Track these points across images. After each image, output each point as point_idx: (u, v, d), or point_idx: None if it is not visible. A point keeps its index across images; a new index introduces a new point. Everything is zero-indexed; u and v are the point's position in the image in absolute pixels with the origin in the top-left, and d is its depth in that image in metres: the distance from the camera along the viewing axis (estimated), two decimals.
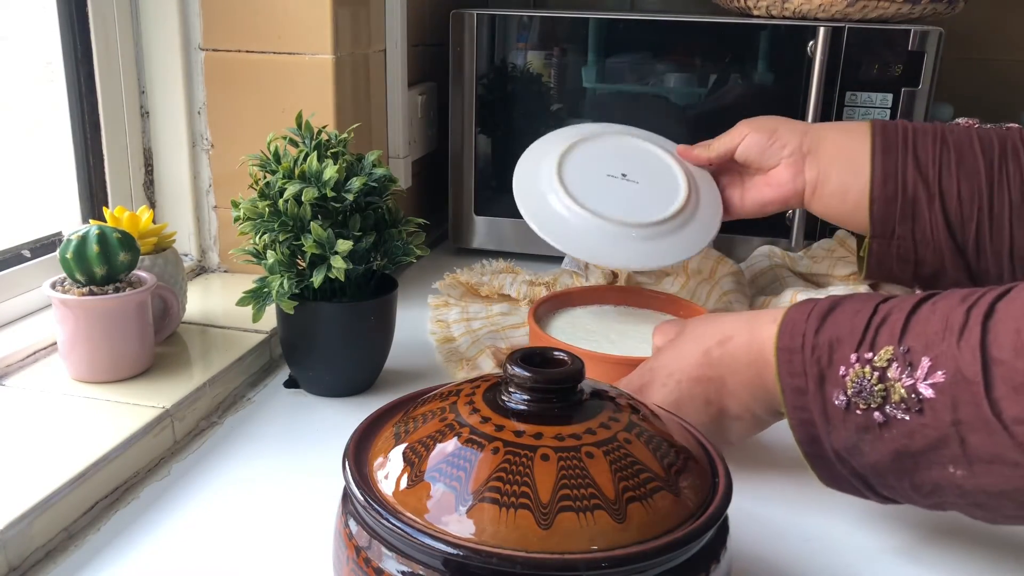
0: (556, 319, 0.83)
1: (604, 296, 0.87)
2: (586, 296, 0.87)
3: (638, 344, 0.77)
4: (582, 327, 0.81)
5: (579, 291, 0.87)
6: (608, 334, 0.80)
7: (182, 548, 0.57)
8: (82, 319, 0.70)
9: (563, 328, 0.81)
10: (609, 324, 0.82)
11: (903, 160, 0.75)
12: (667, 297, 0.86)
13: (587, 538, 0.40)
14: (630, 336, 0.80)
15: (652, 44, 1.07)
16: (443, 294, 0.96)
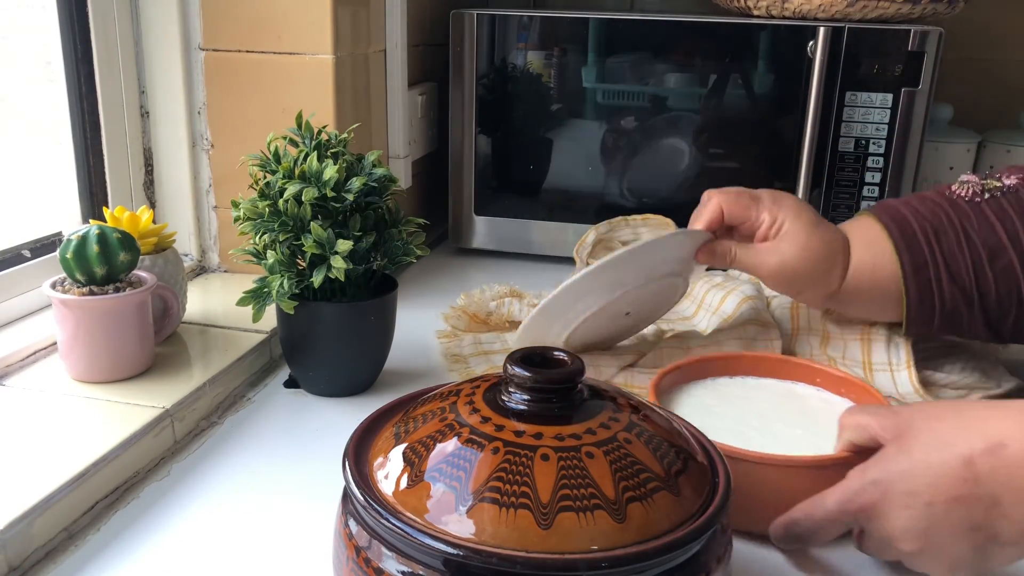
0: (679, 397, 0.67)
1: (724, 366, 0.71)
2: (708, 367, 0.71)
3: (790, 430, 0.63)
4: (708, 407, 0.66)
5: (697, 362, 0.71)
6: (745, 417, 0.64)
7: (182, 548, 0.57)
8: (82, 319, 0.70)
9: (692, 415, 0.64)
10: (738, 404, 0.66)
11: (936, 275, 0.71)
12: (815, 368, 0.69)
13: (587, 538, 0.40)
14: (777, 419, 0.64)
15: (652, 44, 1.07)
16: (448, 327, 0.92)
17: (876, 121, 1.02)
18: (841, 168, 1.05)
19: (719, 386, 0.69)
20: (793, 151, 1.05)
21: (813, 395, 0.68)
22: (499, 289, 0.97)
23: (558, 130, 1.11)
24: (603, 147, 1.11)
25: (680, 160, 1.11)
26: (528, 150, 1.13)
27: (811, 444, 0.60)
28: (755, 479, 0.55)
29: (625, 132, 1.10)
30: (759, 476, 0.56)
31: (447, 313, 0.93)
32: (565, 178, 1.13)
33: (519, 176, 1.14)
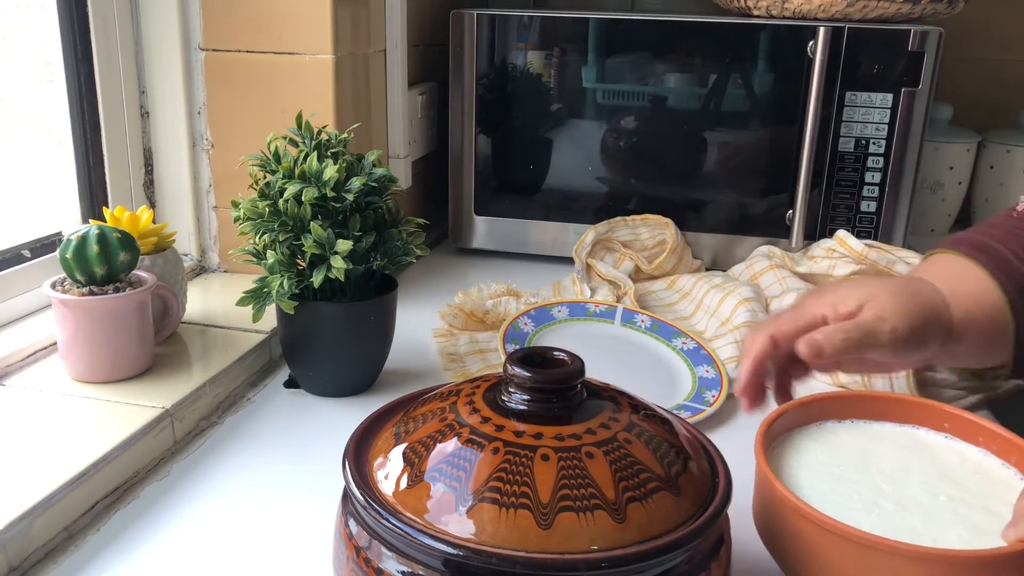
0: (788, 453, 0.56)
1: (831, 408, 0.59)
2: (811, 411, 0.59)
3: (934, 499, 0.51)
4: (826, 468, 0.54)
5: (799, 406, 0.58)
6: (874, 481, 0.52)
7: (182, 548, 0.57)
8: (82, 319, 0.70)
9: (797, 474, 0.53)
10: (858, 460, 0.55)
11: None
12: (942, 411, 0.58)
13: (587, 538, 0.40)
14: (910, 483, 0.52)
15: (652, 44, 1.07)
16: (445, 324, 0.92)
17: (876, 121, 1.02)
18: (841, 168, 1.05)
19: (828, 434, 0.57)
20: (793, 151, 1.05)
21: (943, 445, 0.57)
22: (496, 288, 0.97)
23: (558, 130, 1.11)
24: (603, 147, 1.11)
25: (680, 160, 1.11)
26: (528, 150, 1.13)
27: (967, 522, 0.49)
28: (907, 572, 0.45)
29: (625, 132, 1.10)
30: (917, 571, 0.45)
31: (444, 311, 0.93)
32: (565, 178, 1.13)
33: (519, 176, 1.14)
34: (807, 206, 1.05)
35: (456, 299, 0.93)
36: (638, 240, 1.07)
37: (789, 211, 1.06)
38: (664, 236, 1.06)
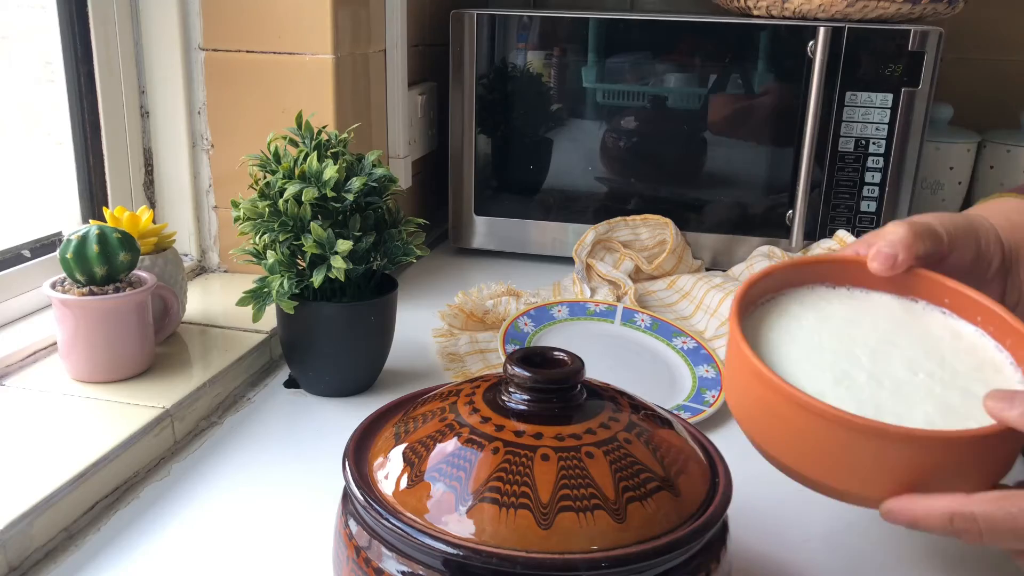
0: (760, 325, 0.52)
1: (828, 271, 0.55)
2: (806, 273, 0.55)
3: (912, 377, 0.49)
4: (807, 338, 0.51)
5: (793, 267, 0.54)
6: (855, 356, 0.50)
7: (182, 548, 0.57)
8: (82, 319, 0.70)
9: (779, 344, 0.51)
10: (843, 330, 0.52)
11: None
12: (944, 286, 0.53)
13: (587, 538, 0.40)
14: (892, 359, 0.50)
15: (652, 44, 1.07)
16: (445, 324, 0.92)
17: (876, 121, 1.02)
18: (841, 168, 1.05)
19: (819, 300, 0.54)
20: (793, 151, 1.05)
21: (939, 321, 0.53)
22: (496, 288, 0.97)
23: (558, 130, 1.11)
24: (603, 147, 1.11)
25: (679, 160, 1.11)
26: (528, 150, 1.13)
27: (940, 401, 0.47)
28: (867, 451, 0.43)
29: (625, 132, 1.10)
30: (874, 449, 0.43)
31: (444, 311, 0.93)
32: (565, 178, 1.13)
33: (519, 176, 1.14)
34: (807, 206, 1.05)
35: (456, 299, 0.93)
36: (638, 240, 1.07)
37: (789, 211, 1.06)
38: (664, 236, 1.06)
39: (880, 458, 0.44)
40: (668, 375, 0.82)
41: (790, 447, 0.47)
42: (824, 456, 0.46)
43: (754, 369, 0.46)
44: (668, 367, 0.83)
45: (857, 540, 0.60)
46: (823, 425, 0.44)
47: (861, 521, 0.62)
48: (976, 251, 0.56)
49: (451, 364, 0.84)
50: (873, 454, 0.44)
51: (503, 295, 0.96)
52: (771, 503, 0.63)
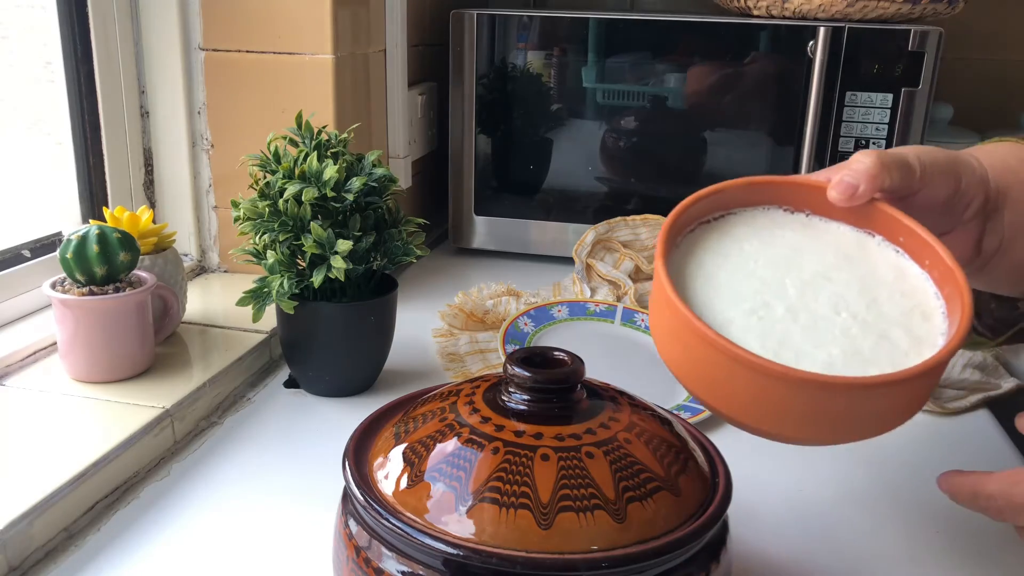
0: (696, 246, 0.50)
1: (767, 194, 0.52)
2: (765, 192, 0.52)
3: (837, 317, 0.47)
4: (739, 264, 0.49)
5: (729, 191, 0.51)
6: (784, 288, 0.48)
7: (182, 548, 0.57)
8: (82, 319, 0.70)
9: (710, 269, 0.48)
10: (783, 257, 0.49)
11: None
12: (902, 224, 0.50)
13: (587, 538, 0.40)
14: (821, 293, 0.48)
15: (652, 44, 1.07)
16: (445, 324, 0.92)
17: (876, 121, 1.02)
18: None
19: (772, 223, 0.51)
20: (793, 151, 1.05)
21: (889, 260, 0.50)
22: (496, 288, 0.97)
23: (558, 130, 1.11)
24: (603, 147, 1.11)
25: (679, 160, 1.11)
26: (528, 150, 1.13)
27: (850, 344, 0.45)
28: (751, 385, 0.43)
29: (625, 132, 1.10)
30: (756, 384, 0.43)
31: (444, 311, 0.93)
32: (565, 178, 1.13)
33: (519, 176, 1.14)
34: None
35: (456, 299, 0.93)
36: (638, 240, 1.07)
37: None
38: None
39: (764, 394, 0.43)
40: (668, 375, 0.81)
41: (691, 373, 0.46)
42: (718, 386, 0.44)
43: (662, 286, 0.45)
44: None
45: (857, 540, 0.60)
46: (711, 353, 0.43)
47: (861, 521, 0.62)
48: (954, 189, 0.53)
49: (451, 364, 0.84)
50: (755, 389, 0.43)
51: (503, 295, 0.96)
52: (771, 503, 0.63)
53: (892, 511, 0.63)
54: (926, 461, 0.70)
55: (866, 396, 0.43)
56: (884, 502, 0.64)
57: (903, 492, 0.65)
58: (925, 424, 0.76)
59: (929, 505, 0.64)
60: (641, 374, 0.82)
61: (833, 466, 0.69)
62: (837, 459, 0.70)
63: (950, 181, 0.52)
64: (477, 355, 0.86)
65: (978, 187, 0.53)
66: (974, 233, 0.53)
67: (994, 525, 0.60)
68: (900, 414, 0.45)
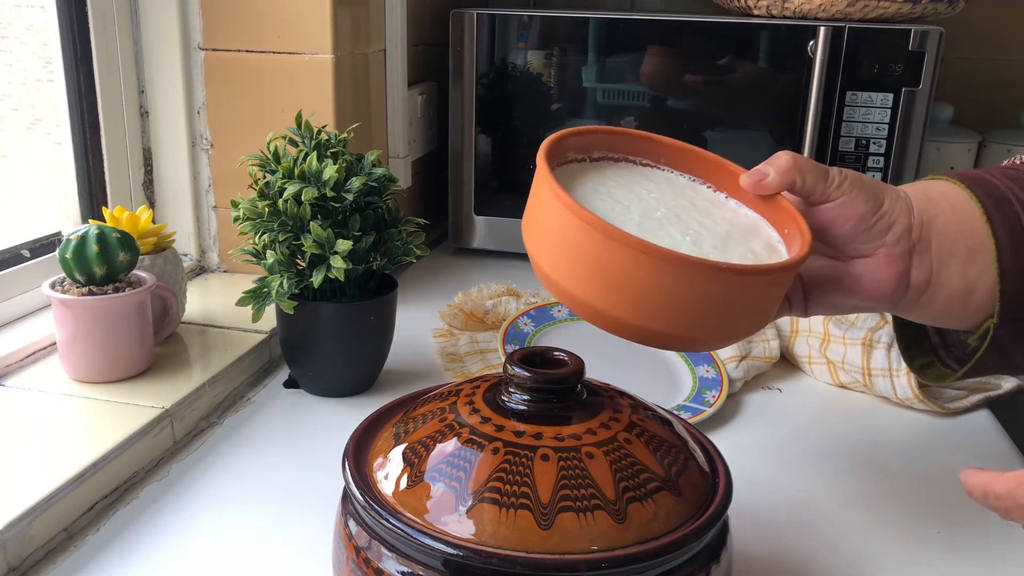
0: (596, 169, 0.54)
1: (687, 162, 0.56)
2: (654, 150, 0.56)
3: (681, 238, 0.50)
4: (626, 183, 0.53)
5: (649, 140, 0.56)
6: (652, 210, 0.51)
7: (182, 548, 0.57)
8: (81, 319, 0.70)
9: (598, 180, 0.53)
10: (668, 196, 0.53)
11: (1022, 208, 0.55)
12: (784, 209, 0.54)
13: (587, 538, 0.40)
14: (680, 223, 0.51)
15: (652, 44, 1.07)
16: (445, 324, 0.92)
17: (876, 121, 1.02)
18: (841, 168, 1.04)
19: (674, 181, 0.55)
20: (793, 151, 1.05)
21: (764, 234, 0.54)
22: (496, 288, 0.97)
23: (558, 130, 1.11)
24: None
25: None
26: (528, 150, 1.13)
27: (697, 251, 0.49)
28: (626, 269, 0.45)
29: None
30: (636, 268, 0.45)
31: (444, 311, 0.93)
32: None
33: (519, 176, 1.14)
34: None
35: (456, 299, 0.93)
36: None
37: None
38: None
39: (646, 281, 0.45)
40: (668, 375, 0.81)
41: (573, 270, 0.47)
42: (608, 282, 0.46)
43: (550, 189, 0.47)
44: (668, 367, 0.83)
45: (857, 540, 0.60)
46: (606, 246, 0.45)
47: (861, 521, 0.62)
48: (872, 207, 0.54)
49: (451, 364, 0.84)
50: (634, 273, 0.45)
51: (503, 295, 0.96)
52: (771, 503, 0.63)
53: (892, 511, 0.63)
54: (926, 461, 0.70)
55: (739, 283, 0.46)
56: (884, 502, 0.64)
57: (903, 492, 0.65)
58: (925, 424, 0.76)
59: (929, 505, 0.64)
60: (641, 374, 0.82)
61: (833, 466, 0.69)
62: (837, 459, 0.70)
63: (870, 199, 0.54)
64: (477, 355, 0.86)
65: (902, 211, 0.55)
66: (900, 262, 0.54)
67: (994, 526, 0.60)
68: (758, 314, 0.49)
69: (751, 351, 0.83)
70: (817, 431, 0.75)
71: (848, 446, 0.72)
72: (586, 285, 0.46)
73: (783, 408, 0.78)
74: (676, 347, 0.51)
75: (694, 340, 0.48)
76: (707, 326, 0.47)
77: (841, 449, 0.71)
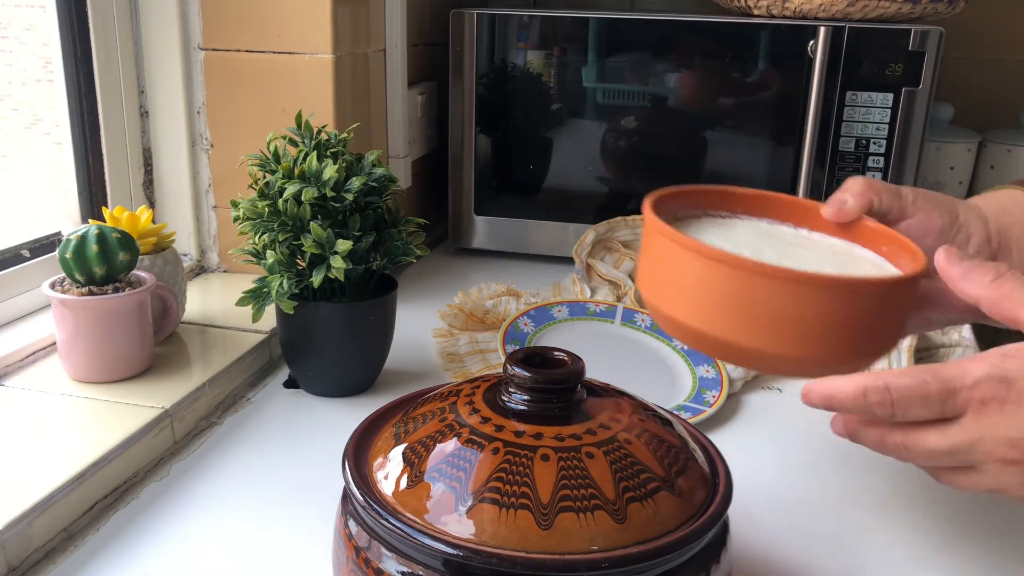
0: (695, 225, 0.56)
1: (773, 208, 0.58)
2: (746, 203, 0.58)
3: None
4: (730, 238, 0.55)
5: (736, 195, 0.58)
6: (760, 252, 0.52)
7: (182, 548, 0.57)
8: (81, 319, 0.70)
9: (701, 235, 0.54)
10: (770, 243, 0.55)
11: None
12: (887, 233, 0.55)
13: (587, 538, 0.40)
14: (792, 258, 0.53)
15: (652, 44, 1.07)
16: (445, 324, 0.92)
17: (876, 121, 1.02)
18: (841, 168, 1.05)
19: (766, 226, 0.57)
20: (794, 151, 1.05)
21: (869, 258, 0.55)
22: (496, 288, 0.97)
23: (558, 130, 1.11)
24: (603, 147, 1.11)
25: (680, 160, 1.11)
26: (528, 150, 1.13)
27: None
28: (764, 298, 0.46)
29: (625, 132, 1.10)
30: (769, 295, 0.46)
31: (444, 311, 0.92)
32: (565, 178, 1.13)
33: (519, 176, 1.14)
34: None
35: (456, 299, 0.93)
36: (638, 240, 1.07)
37: None
38: None
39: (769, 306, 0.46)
40: (668, 375, 0.81)
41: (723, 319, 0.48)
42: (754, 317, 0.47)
43: (662, 233, 0.49)
44: (668, 367, 0.83)
45: (857, 540, 0.60)
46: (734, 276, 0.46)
47: (861, 521, 0.62)
48: (949, 219, 0.56)
49: (451, 364, 0.84)
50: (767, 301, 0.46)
51: (503, 295, 0.96)
52: (771, 503, 0.63)
53: (892, 511, 0.63)
54: None
55: (887, 294, 0.46)
56: (884, 502, 0.64)
57: (903, 492, 0.65)
58: None
59: (929, 506, 0.64)
60: (641, 374, 0.82)
61: (834, 466, 0.69)
62: (838, 459, 0.70)
63: (945, 212, 0.56)
64: (477, 355, 0.86)
65: (977, 223, 0.56)
66: None
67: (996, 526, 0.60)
68: (896, 328, 0.49)
69: None
70: (817, 431, 0.75)
71: (848, 446, 0.72)
72: (731, 325, 0.47)
73: (783, 408, 0.78)
74: (813, 373, 0.50)
75: (839, 363, 0.48)
76: (852, 346, 0.47)
77: (841, 449, 0.71)
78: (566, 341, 0.84)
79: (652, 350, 0.85)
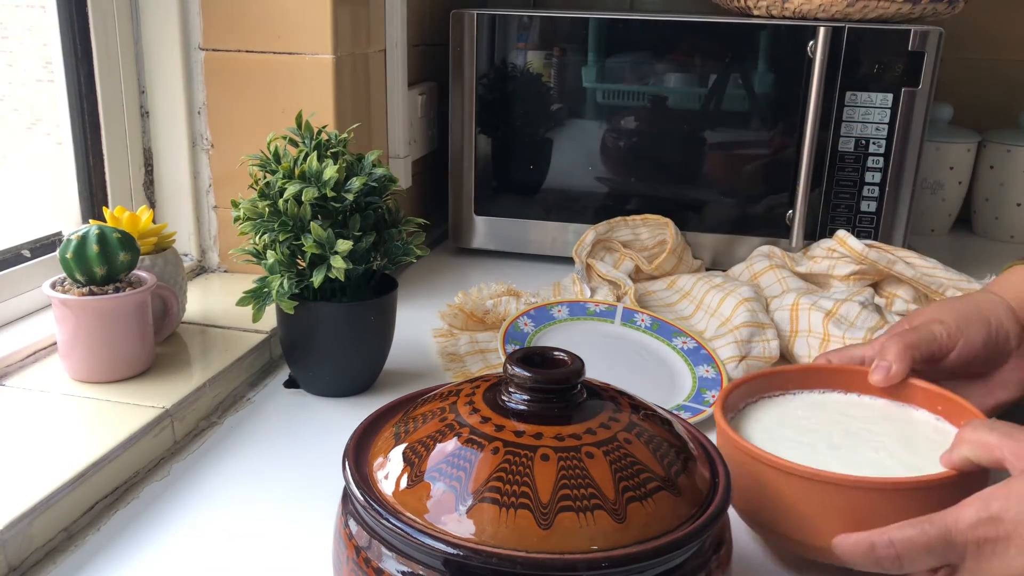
0: (756, 411, 0.61)
1: (822, 379, 0.63)
2: (796, 379, 0.63)
3: (875, 454, 0.56)
4: (793, 422, 0.59)
5: (786, 373, 0.64)
6: (830, 435, 0.57)
7: (182, 548, 0.57)
8: (82, 319, 0.70)
9: (767, 424, 0.59)
10: (831, 418, 0.60)
11: None
12: (939, 394, 0.59)
13: (587, 538, 0.40)
14: (863, 439, 0.57)
15: (652, 44, 1.07)
16: (445, 324, 0.92)
17: (876, 121, 1.02)
18: (841, 168, 1.05)
19: (824, 398, 0.62)
20: (793, 151, 1.05)
21: (927, 420, 0.59)
22: (496, 288, 0.97)
23: (558, 130, 1.11)
24: (603, 147, 1.11)
25: (679, 160, 1.11)
26: (528, 150, 1.13)
27: (884, 465, 0.54)
28: (817, 499, 0.51)
29: (625, 132, 1.10)
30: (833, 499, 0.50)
31: (444, 311, 0.93)
32: (565, 178, 1.13)
33: (519, 176, 1.14)
34: (807, 206, 1.05)
35: (456, 299, 0.93)
36: (638, 240, 1.07)
37: (789, 211, 1.06)
38: (664, 236, 1.06)
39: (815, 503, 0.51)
40: (668, 375, 0.81)
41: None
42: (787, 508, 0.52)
43: (739, 445, 0.54)
44: (668, 367, 0.83)
45: None
46: (775, 476, 0.52)
47: None
48: (986, 335, 0.60)
49: (451, 364, 0.84)
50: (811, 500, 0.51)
51: (503, 295, 0.96)
52: None
53: None
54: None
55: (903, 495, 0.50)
56: None
57: None
58: None
59: None
60: (641, 374, 0.82)
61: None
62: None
63: (980, 329, 0.60)
64: (477, 355, 0.86)
65: (1009, 318, 0.61)
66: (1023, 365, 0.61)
67: None
68: None
69: (751, 351, 0.82)
70: None
71: None
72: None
73: None
74: None
75: None
76: None
77: None
78: (566, 341, 0.84)
79: (652, 350, 0.85)
